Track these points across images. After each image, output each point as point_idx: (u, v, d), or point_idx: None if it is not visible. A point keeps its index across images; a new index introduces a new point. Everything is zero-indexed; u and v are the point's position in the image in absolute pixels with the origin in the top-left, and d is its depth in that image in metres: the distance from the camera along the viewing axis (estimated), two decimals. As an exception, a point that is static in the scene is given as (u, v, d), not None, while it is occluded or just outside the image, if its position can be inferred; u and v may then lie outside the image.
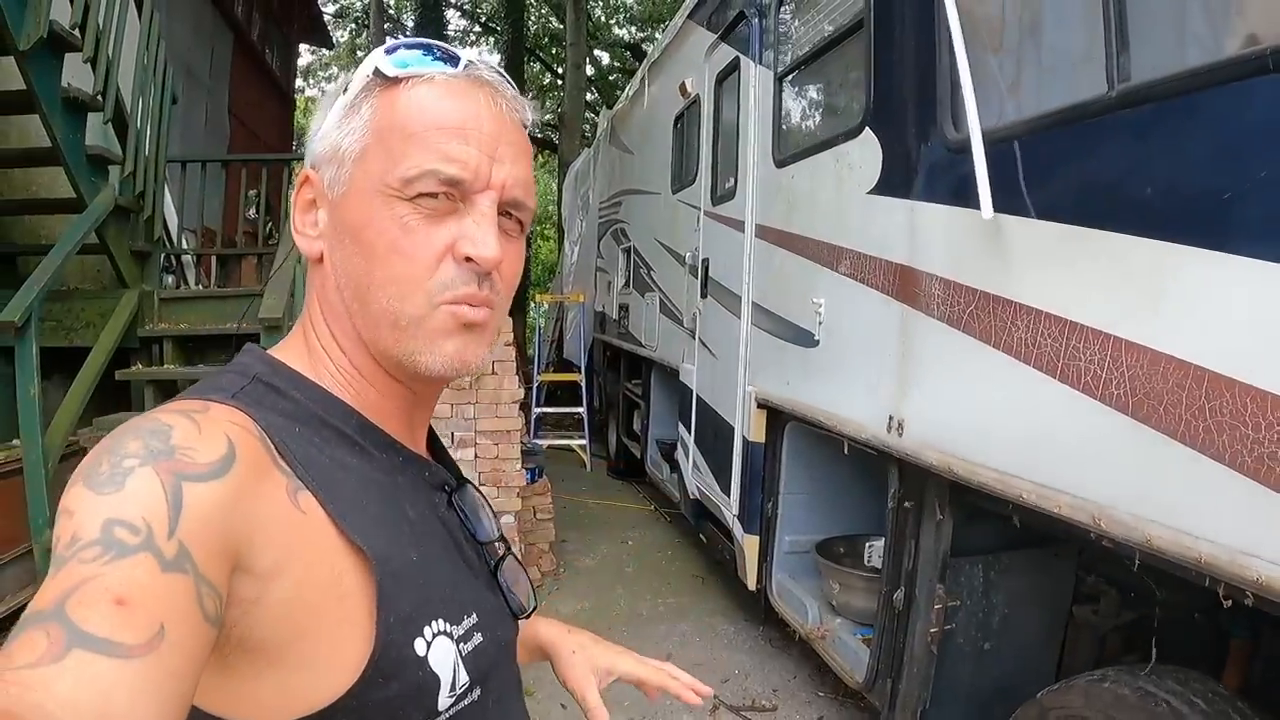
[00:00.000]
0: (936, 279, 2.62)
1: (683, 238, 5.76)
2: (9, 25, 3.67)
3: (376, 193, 0.72)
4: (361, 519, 0.68)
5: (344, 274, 0.75)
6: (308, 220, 0.78)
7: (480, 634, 0.77)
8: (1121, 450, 1.92)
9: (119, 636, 0.48)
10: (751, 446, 4.26)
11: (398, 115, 0.73)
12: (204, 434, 0.61)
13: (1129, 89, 1.89)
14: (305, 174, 0.78)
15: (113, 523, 0.53)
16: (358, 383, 0.78)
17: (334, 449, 0.72)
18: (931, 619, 2.70)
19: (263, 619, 0.61)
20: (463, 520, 0.85)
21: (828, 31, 3.49)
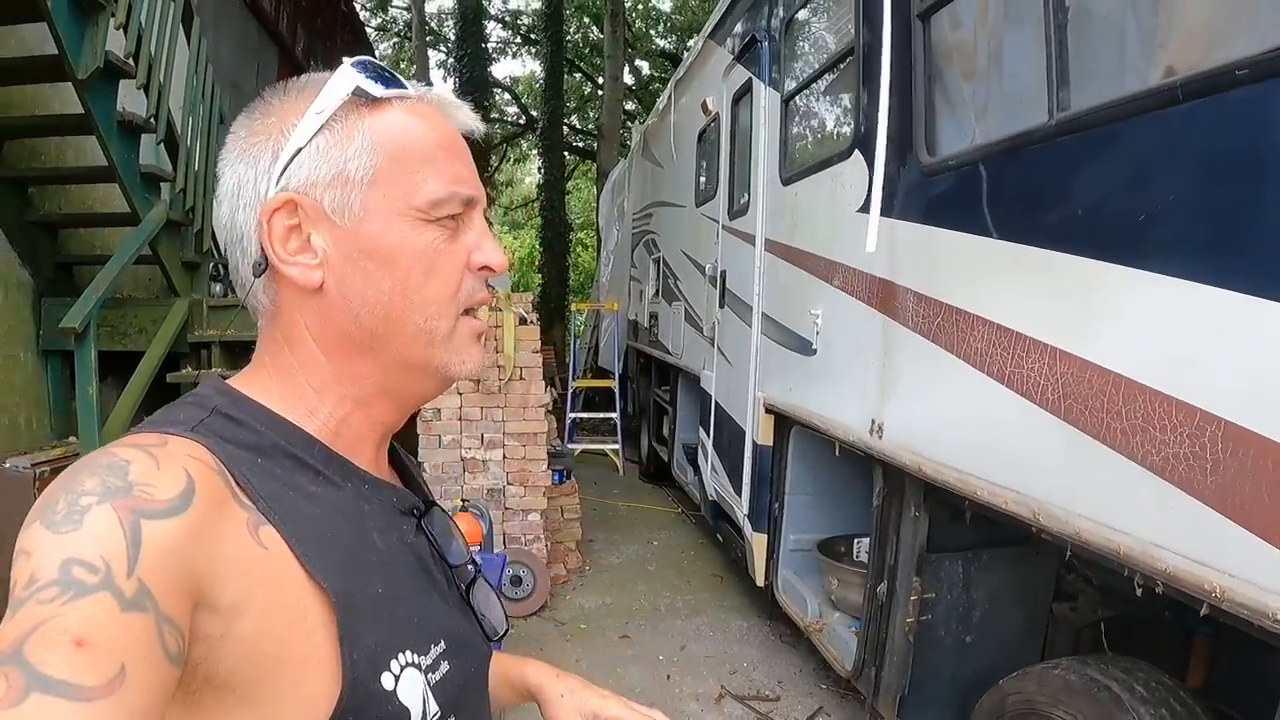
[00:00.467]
0: (910, 292, 2.82)
1: (704, 250, 5.98)
2: (69, 57, 3.98)
3: (401, 216, 0.73)
4: (325, 553, 0.68)
5: (367, 301, 0.74)
6: (293, 249, 0.74)
7: (448, 661, 0.77)
8: (1055, 450, 2.11)
9: (78, 679, 0.48)
10: (760, 449, 4.47)
11: (403, 137, 0.74)
12: (162, 469, 0.60)
13: (1065, 118, 2.09)
14: (286, 198, 0.73)
15: (71, 562, 0.52)
16: (344, 413, 0.78)
17: (297, 480, 0.71)
18: (909, 610, 2.88)
19: (229, 655, 0.60)
20: (432, 544, 0.85)
21: (825, 57, 3.71)
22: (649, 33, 22.66)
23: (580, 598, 5.47)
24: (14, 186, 4.92)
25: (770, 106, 4.40)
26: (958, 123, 2.70)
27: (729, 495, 5.09)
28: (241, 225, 0.75)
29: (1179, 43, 1.89)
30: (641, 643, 4.71)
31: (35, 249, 5.02)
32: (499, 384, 5.48)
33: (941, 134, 2.72)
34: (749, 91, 4.80)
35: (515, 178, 28.57)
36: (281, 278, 0.75)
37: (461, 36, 17.79)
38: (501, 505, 5.53)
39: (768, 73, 4.42)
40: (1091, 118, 1.99)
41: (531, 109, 22.50)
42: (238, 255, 0.76)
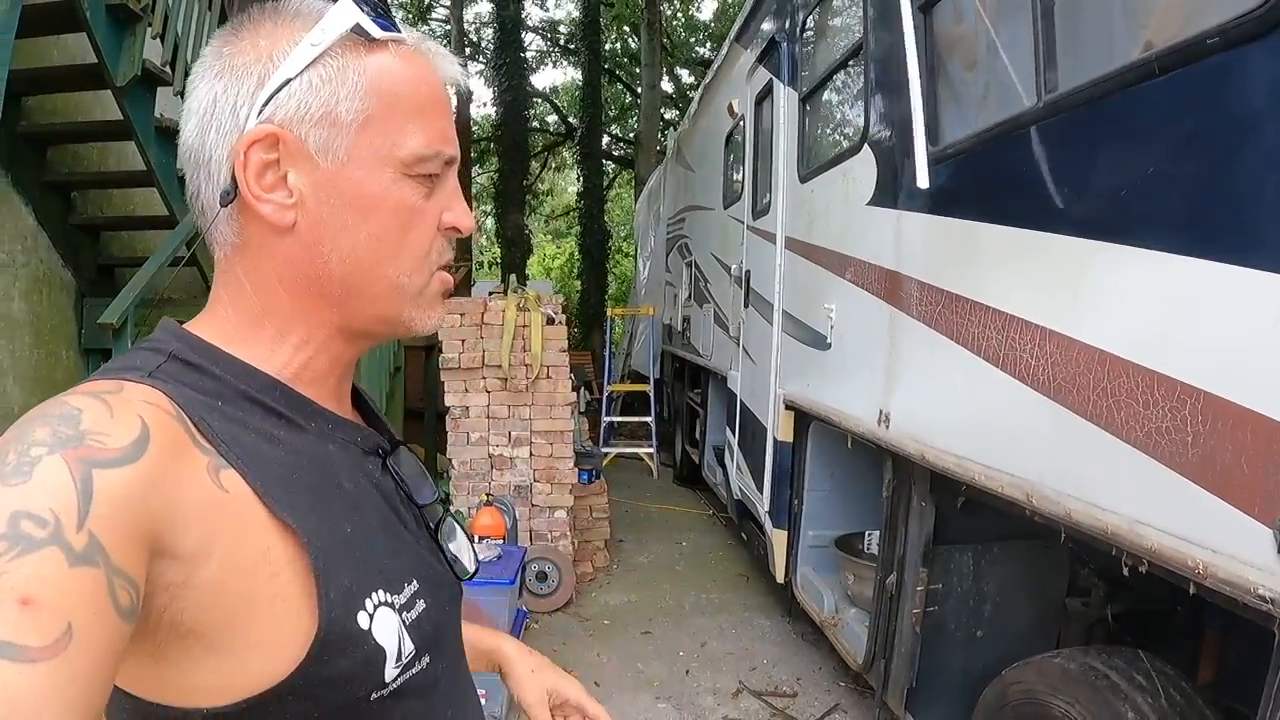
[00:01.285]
0: (915, 281, 2.82)
1: (731, 251, 6.00)
2: (108, 65, 4.14)
3: (385, 165, 0.71)
4: (290, 494, 0.67)
5: (339, 248, 0.72)
6: (268, 185, 0.70)
7: (422, 600, 0.76)
8: (1045, 430, 2.11)
9: (23, 639, 0.47)
10: (780, 446, 4.47)
11: (398, 84, 0.71)
12: (116, 416, 0.58)
13: (1051, 100, 2.09)
14: (268, 131, 0.69)
15: (19, 515, 0.51)
16: (307, 355, 0.76)
17: (259, 423, 0.70)
18: (916, 601, 2.88)
19: (192, 602, 0.60)
20: (399, 484, 0.83)
21: (837, 56, 3.73)
22: (688, 41, 22.77)
23: (606, 595, 5.51)
24: (57, 191, 5.08)
25: (789, 106, 4.43)
26: (958, 111, 2.71)
27: (752, 493, 5.10)
28: (211, 148, 0.71)
29: (1156, 17, 1.89)
30: (664, 639, 4.73)
31: (77, 251, 5.19)
32: (526, 383, 5.54)
33: (943, 124, 2.72)
34: (770, 92, 4.83)
35: (556, 186, 28.78)
36: (250, 213, 0.71)
37: (500, 47, 17.99)
38: (529, 502, 5.59)
39: (787, 73, 4.45)
40: (1073, 98, 2.00)
41: (571, 118, 22.70)
42: (200, 179, 0.72)
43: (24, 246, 4.70)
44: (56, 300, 4.98)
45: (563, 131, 23.75)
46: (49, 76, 4.65)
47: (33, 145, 4.85)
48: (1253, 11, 1.49)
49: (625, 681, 4.20)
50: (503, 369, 5.50)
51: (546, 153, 24.20)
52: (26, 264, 4.71)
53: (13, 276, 4.56)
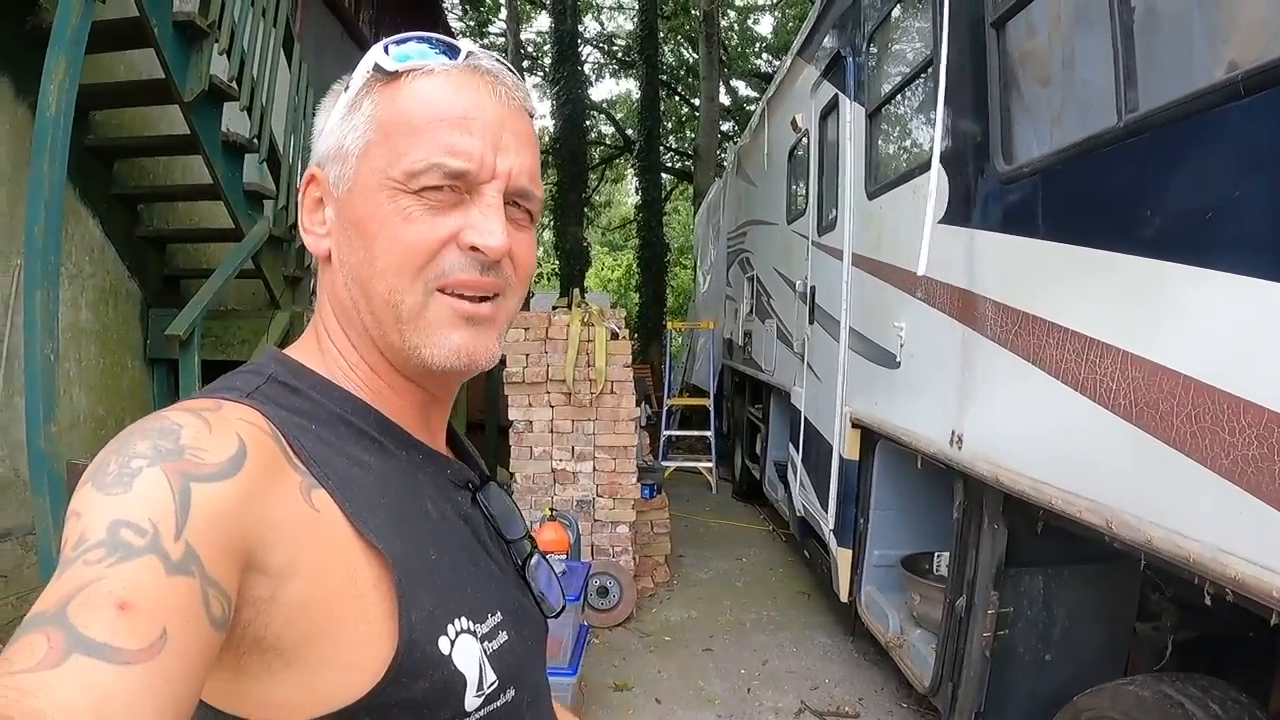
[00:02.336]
0: (989, 301, 2.80)
1: (795, 266, 5.99)
2: (175, 80, 4.24)
3: (381, 186, 0.72)
4: (378, 517, 0.68)
5: (350, 270, 0.75)
6: (315, 219, 0.78)
7: (505, 632, 0.75)
8: (1126, 456, 2.07)
9: (119, 641, 0.48)
10: (846, 464, 4.45)
11: (399, 109, 0.73)
12: (214, 433, 0.61)
13: (1133, 119, 2.06)
14: (310, 173, 0.78)
15: (119, 524, 0.53)
16: (372, 380, 0.78)
17: (351, 446, 0.72)
18: (986, 625, 2.84)
19: (277, 617, 0.61)
20: (488, 518, 0.84)
21: (906, 71, 3.71)
22: (745, 53, 22.78)
23: (666, 611, 5.52)
24: (124, 203, 5.23)
25: (855, 121, 4.42)
26: (1032, 129, 2.68)
27: (816, 511, 5.07)
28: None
29: (1242, 36, 1.86)
30: (724, 656, 4.72)
31: (144, 262, 5.34)
32: (590, 397, 5.59)
33: (1017, 141, 2.70)
34: (835, 107, 4.82)
35: (614, 199, 28.94)
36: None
37: (557, 60, 18.19)
38: (591, 517, 5.62)
39: (853, 88, 4.44)
40: (1157, 118, 1.97)
41: (629, 130, 22.83)
42: None
43: (91, 258, 4.85)
44: (123, 310, 5.14)
45: (621, 144, 23.90)
46: (117, 91, 4.78)
47: (100, 159, 4.98)
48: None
49: (686, 698, 4.19)
50: (567, 384, 5.54)
51: (604, 165, 24.37)
52: (94, 275, 4.86)
53: (80, 287, 4.70)
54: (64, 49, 3.29)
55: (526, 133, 0.77)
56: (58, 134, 3.25)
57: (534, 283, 16.70)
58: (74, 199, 4.62)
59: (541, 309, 6.06)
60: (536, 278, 22.79)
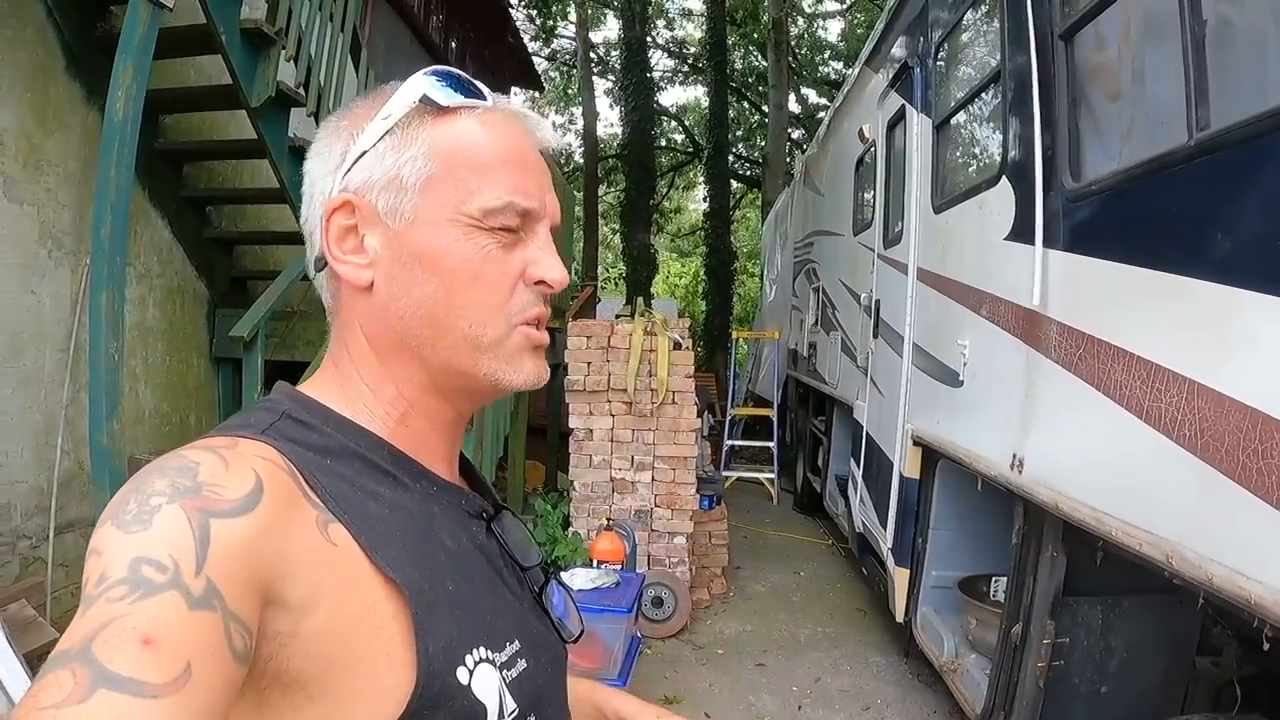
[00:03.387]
0: (1054, 322, 2.72)
1: (860, 279, 5.91)
2: (243, 86, 4.36)
3: (452, 223, 0.74)
4: (395, 549, 0.69)
5: (413, 303, 0.75)
6: (348, 248, 0.77)
7: (524, 660, 0.76)
8: (1189, 489, 1.99)
9: (145, 676, 0.49)
10: (907, 482, 4.37)
11: (463, 145, 0.75)
12: (231, 470, 0.61)
13: (1205, 137, 1.98)
14: (344, 200, 0.76)
15: (140, 561, 0.54)
16: (403, 413, 0.79)
17: (366, 480, 0.72)
18: (1041, 653, 2.76)
19: (298, 652, 0.61)
20: (503, 547, 0.85)
21: (973, 83, 3.64)
22: (814, 60, 22.59)
23: (721, 623, 5.48)
24: (193, 205, 5.38)
25: (922, 133, 4.34)
26: (1101, 145, 2.60)
27: (875, 528, 4.99)
28: (312, 221, 0.79)
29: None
30: (777, 672, 4.67)
31: (211, 264, 5.50)
32: (651, 407, 5.58)
33: (1085, 158, 2.62)
34: (902, 118, 4.74)
35: (683, 205, 28.95)
36: (337, 278, 0.78)
37: (627, 66, 18.27)
38: (648, 527, 5.62)
39: (920, 99, 4.37)
40: (1230, 136, 1.89)
41: (698, 136, 22.80)
42: (309, 249, 0.80)
43: (160, 258, 5.00)
44: (190, 310, 5.30)
45: (690, 150, 23.89)
46: (187, 96, 4.92)
47: (170, 162, 5.13)
48: None
49: (735, 714, 4.16)
50: (628, 393, 5.55)
51: (673, 171, 24.39)
52: (162, 275, 5.01)
53: (149, 286, 4.86)
54: (131, 56, 3.41)
55: (550, 175, 0.80)
56: (125, 138, 3.37)
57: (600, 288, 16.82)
58: (144, 201, 4.77)
59: (605, 315, 6.07)
60: (603, 282, 22.96)
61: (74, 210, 4.18)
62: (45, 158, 4.04)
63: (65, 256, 4.15)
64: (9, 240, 3.85)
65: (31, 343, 3.98)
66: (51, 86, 4.09)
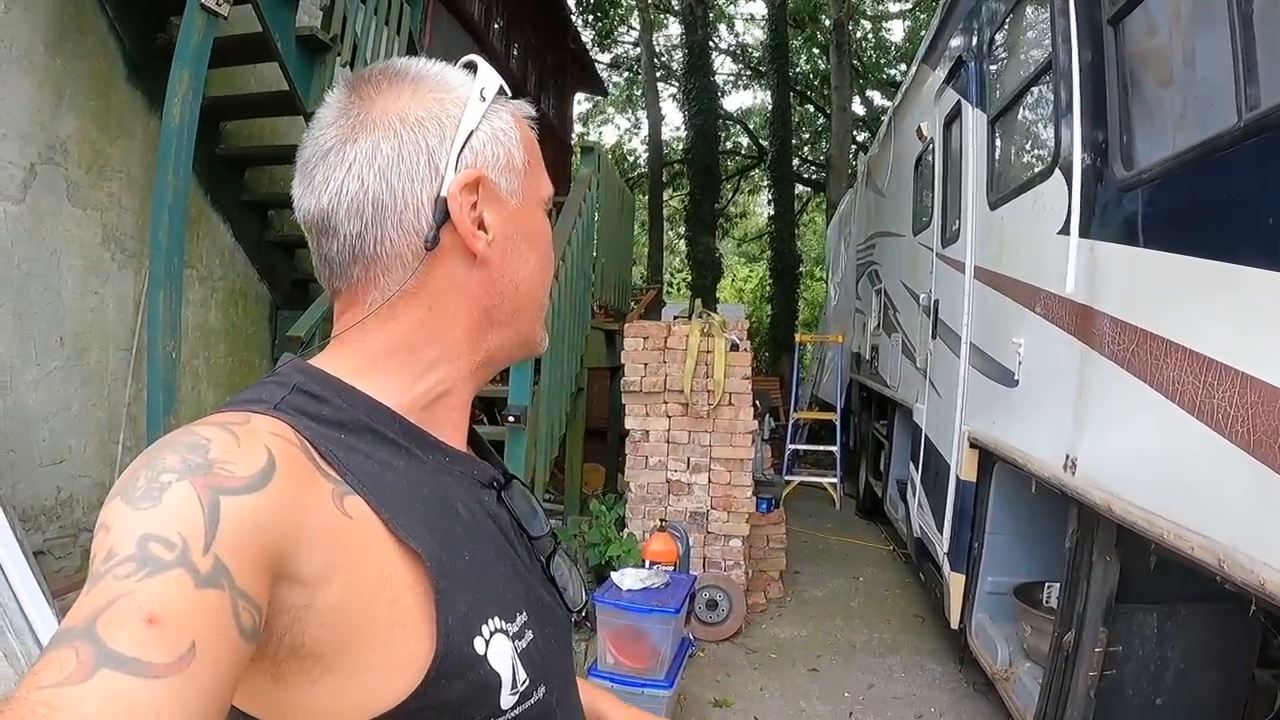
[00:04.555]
0: (1107, 317, 2.62)
1: (920, 279, 5.80)
2: (299, 92, 4.44)
3: (540, 205, 0.85)
4: (412, 519, 0.69)
5: (519, 277, 0.82)
6: (473, 219, 0.78)
7: (532, 631, 0.77)
8: (1243, 490, 1.89)
9: (148, 655, 0.49)
10: (963, 485, 4.27)
11: (529, 138, 0.84)
12: (243, 446, 0.61)
13: (1254, 117, 1.88)
14: (477, 176, 0.77)
15: (148, 538, 0.53)
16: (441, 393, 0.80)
17: (379, 452, 0.72)
18: (1093, 662, 2.66)
19: (314, 624, 0.61)
20: (512, 516, 0.85)
21: (1024, 76, 3.54)
22: (878, 62, 22.29)
23: (776, 627, 5.42)
24: (254, 209, 5.51)
25: (978, 128, 4.24)
26: (1152, 132, 2.50)
27: (931, 532, 4.88)
28: (407, 197, 0.75)
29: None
30: (830, 677, 4.59)
31: (272, 266, 5.62)
32: (708, 408, 5.55)
33: (1136, 146, 2.53)
34: (959, 114, 4.64)
35: (748, 209, 28.79)
36: (443, 253, 0.76)
37: (689, 70, 18.24)
38: (704, 529, 5.58)
39: (975, 94, 4.27)
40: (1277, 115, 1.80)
41: (762, 140, 22.65)
42: (384, 228, 0.75)
43: (222, 261, 5.13)
44: (251, 312, 5.43)
45: (754, 154, 23.74)
46: (246, 103, 5.03)
47: (231, 167, 5.25)
48: None
49: (786, 719, 4.10)
50: (684, 394, 5.52)
51: (738, 176, 24.27)
52: (224, 277, 5.14)
53: (210, 289, 4.99)
54: (187, 63, 3.51)
55: None
56: (181, 144, 3.48)
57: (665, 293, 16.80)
58: (205, 205, 4.89)
59: (667, 319, 6.07)
60: (669, 287, 22.93)
61: (136, 214, 4.32)
62: (108, 164, 4.19)
63: (128, 259, 4.29)
64: (74, 243, 4.00)
65: (95, 342, 4.13)
66: (113, 95, 4.24)
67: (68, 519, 3.99)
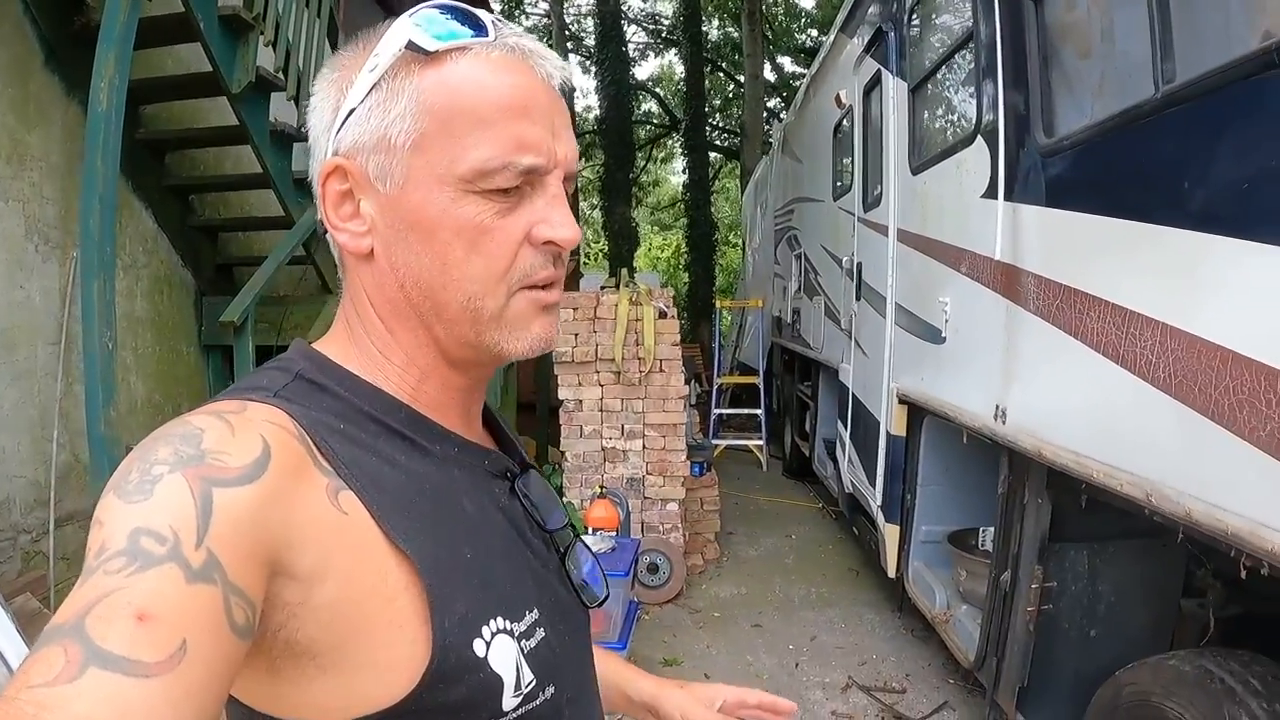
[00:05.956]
0: (1032, 275, 2.79)
1: (842, 243, 5.97)
2: (223, 73, 4.35)
3: (444, 185, 0.68)
4: (408, 518, 0.66)
5: (412, 273, 0.71)
6: (345, 214, 0.72)
7: (543, 629, 0.74)
8: (1167, 429, 2.07)
9: (138, 654, 0.47)
10: (893, 440, 4.45)
11: (454, 96, 0.67)
12: (237, 436, 0.59)
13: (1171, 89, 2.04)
14: (335, 164, 0.70)
15: (139, 532, 0.52)
16: (415, 379, 0.75)
17: (382, 445, 0.69)
18: (1030, 599, 2.85)
19: (308, 621, 0.60)
20: (527, 508, 0.81)
21: (947, 45, 3.69)
22: (790, 28, 22.53)
23: (716, 587, 5.58)
24: (177, 194, 5.36)
25: (898, 97, 4.38)
26: (1072, 102, 2.66)
27: (864, 487, 5.08)
28: (314, 180, 0.73)
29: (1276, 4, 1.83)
30: (773, 632, 4.77)
31: (196, 252, 5.48)
32: (639, 376, 5.64)
33: (1057, 115, 2.68)
34: (878, 83, 4.78)
35: (661, 178, 28.90)
36: (343, 245, 0.73)
37: (601, 41, 18.22)
38: (641, 494, 5.69)
39: (895, 63, 4.41)
40: (1194, 89, 1.95)
41: (675, 109, 22.74)
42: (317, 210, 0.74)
43: (145, 248, 4.98)
44: (177, 299, 5.29)
45: (668, 123, 23.82)
46: (166, 85, 4.89)
47: (152, 151, 5.10)
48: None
49: (735, 674, 4.25)
50: (615, 363, 5.60)
51: (652, 144, 24.34)
52: (148, 265, 4.99)
53: (135, 277, 4.84)
54: (112, 46, 3.41)
55: (567, 113, 0.73)
56: (109, 130, 3.38)
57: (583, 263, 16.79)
58: (127, 192, 4.72)
59: (590, 289, 6.12)
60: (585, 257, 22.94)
61: (59, 204, 4.17)
62: (28, 153, 4.03)
63: (52, 250, 4.14)
64: (-4, 237, 3.85)
65: (23, 338, 3.99)
66: (31, 82, 4.07)
67: (5, 521, 3.86)
